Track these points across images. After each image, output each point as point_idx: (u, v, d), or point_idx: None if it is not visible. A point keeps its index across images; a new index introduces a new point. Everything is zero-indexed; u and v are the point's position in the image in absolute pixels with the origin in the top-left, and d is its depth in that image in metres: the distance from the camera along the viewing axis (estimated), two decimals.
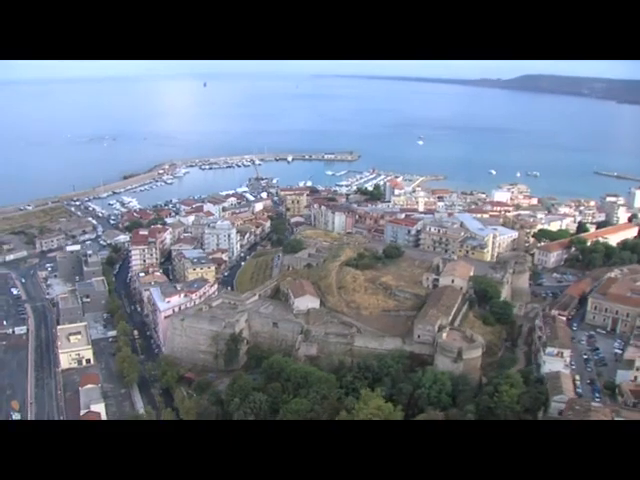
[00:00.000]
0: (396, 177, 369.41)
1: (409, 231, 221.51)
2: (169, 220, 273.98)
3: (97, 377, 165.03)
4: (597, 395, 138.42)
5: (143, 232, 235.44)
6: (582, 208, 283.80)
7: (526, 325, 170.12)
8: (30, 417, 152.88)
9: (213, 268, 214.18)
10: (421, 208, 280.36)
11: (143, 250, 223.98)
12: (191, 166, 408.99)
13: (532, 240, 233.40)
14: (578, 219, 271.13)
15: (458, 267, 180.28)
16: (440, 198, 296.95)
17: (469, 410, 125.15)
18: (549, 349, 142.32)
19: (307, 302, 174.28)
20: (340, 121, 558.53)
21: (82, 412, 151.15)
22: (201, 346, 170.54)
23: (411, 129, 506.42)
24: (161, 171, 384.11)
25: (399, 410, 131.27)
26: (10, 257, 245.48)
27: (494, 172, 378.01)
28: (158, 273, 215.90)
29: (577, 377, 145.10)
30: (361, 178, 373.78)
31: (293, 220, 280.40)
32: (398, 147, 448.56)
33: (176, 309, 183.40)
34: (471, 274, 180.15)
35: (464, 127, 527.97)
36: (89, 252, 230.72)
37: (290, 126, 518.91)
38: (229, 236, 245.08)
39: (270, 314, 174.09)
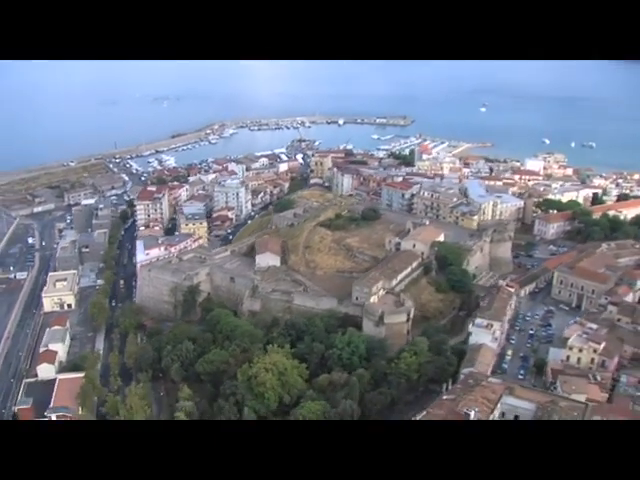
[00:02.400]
0: (433, 141, 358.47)
1: (403, 195, 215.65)
2: (192, 178, 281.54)
3: (65, 319, 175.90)
4: (522, 372, 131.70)
5: (151, 188, 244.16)
6: (620, 180, 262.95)
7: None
8: (1, 350, 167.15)
9: (205, 224, 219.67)
10: (446, 173, 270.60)
11: (148, 205, 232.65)
12: (241, 127, 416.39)
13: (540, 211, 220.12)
14: (614, 192, 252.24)
15: (423, 232, 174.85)
16: (467, 164, 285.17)
17: (360, 374, 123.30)
18: (478, 320, 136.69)
19: (268, 259, 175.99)
20: (411, 86, 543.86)
21: (41, 349, 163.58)
22: (164, 296, 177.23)
23: (481, 95, 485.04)
24: (209, 131, 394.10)
25: (303, 367, 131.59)
26: (38, 209, 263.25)
27: (547, 141, 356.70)
28: (157, 227, 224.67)
29: (509, 352, 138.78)
30: (405, 143, 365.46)
31: (312, 181, 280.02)
32: (458, 113, 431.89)
33: (154, 261, 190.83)
34: (440, 239, 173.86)
35: (536, 95, 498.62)
36: (100, 206, 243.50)
37: (360, 91, 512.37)
38: (237, 194, 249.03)
39: (231, 269, 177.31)
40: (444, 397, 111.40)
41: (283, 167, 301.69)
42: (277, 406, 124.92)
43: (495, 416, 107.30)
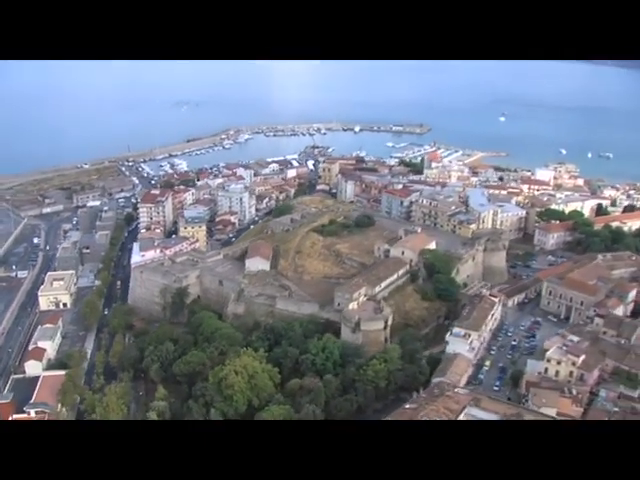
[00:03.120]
0: (447, 149, 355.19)
1: (402, 202, 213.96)
2: (200, 182, 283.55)
3: (57, 318, 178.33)
4: (497, 384, 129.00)
5: (155, 191, 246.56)
6: (633, 192, 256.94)
7: None
8: None
9: (204, 227, 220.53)
10: (453, 182, 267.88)
11: (150, 208, 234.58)
12: (256, 132, 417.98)
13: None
14: (625, 203, 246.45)
15: (413, 239, 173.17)
16: (475, 173, 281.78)
17: (327, 380, 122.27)
18: (456, 329, 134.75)
19: (257, 264, 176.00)
20: (431, 94, 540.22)
21: (30, 347, 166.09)
22: (155, 298, 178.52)
23: (501, 105, 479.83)
24: (224, 136, 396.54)
25: (275, 371, 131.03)
26: (47, 210, 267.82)
27: (564, 151, 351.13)
28: (158, 230, 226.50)
29: (487, 363, 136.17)
30: (418, 151, 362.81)
31: (319, 188, 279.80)
32: (477, 122, 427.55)
33: (148, 263, 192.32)
34: (430, 247, 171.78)
35: (557, 105, 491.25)
36: (105, 208, 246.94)
37: (380, 98, 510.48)
38: (241, 199, 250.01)
39: (220, 273, 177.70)
40: (406, 406, 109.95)
41: (291, 173, 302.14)
42: (246, 409, 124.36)
43: None
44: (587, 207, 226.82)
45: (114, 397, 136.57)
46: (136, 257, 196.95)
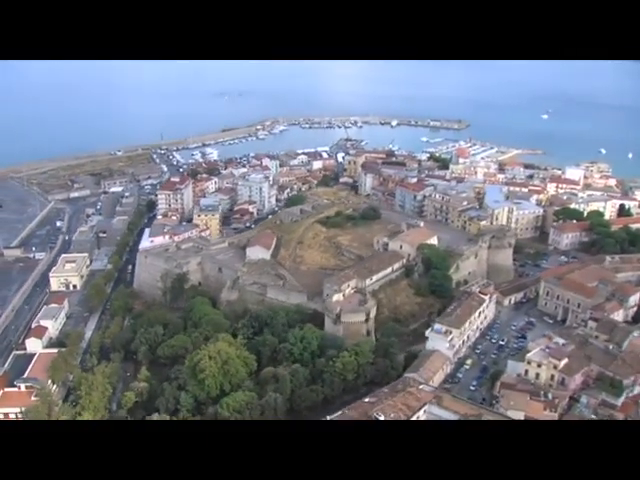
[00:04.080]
0: (482, 146, 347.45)
1: (415, 196, 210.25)
2: (225, 172, 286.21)
3: (64, 298, 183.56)
4: (474, 384, 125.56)
5: (174, 179, 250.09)
6: None
7: None
8: (2, 320, 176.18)
9: (217, 216, 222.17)
10: (480, 177, 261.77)
11: (169, 195, 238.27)
12: (293, 124, 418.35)
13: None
14: None
15: (413, 233, 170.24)
16: (502, 170, 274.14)
17: (295, 369, 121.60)
18: (437, 326, 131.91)
19: (258, 252, 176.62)
20: (476, 90, 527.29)
21: (33, 325, 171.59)
22: (157, 282, 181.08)
23: (546, 102, 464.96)
24: (259, 127, 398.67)
25: (252, 359, 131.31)
26: (74, 194, 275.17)
27: (604, 151, 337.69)
28: (175, 217, 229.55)
29: (468, 361, 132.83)
30: (453, 147, 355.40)
31: (342, 180, 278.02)
32: (519, 119, 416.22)
33: (156, 248, 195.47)
34: (431, 242, 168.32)
35: (604, 104, 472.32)
36: (126, 194, 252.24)
37: (423, 93, 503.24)
38: (260, 189, 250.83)
39: (221, 260, 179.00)
40: (366, 400, 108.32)
41: (317, 165, 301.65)
42: (217, 394, 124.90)
43: None
44: (609, 208, 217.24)
45: (100, 376, 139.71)
46: (145, 242, 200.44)
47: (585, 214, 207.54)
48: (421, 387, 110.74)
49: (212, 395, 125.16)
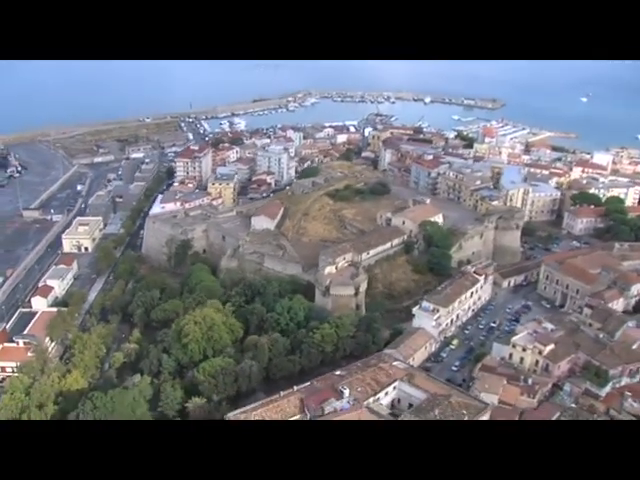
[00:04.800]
0: (514, 126, 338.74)
1: (429, 173, 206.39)
2: (247, 142, 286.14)
3: (73, 260, 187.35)
4: (457, 364, 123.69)
5: (194, 147, 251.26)
6: None
7: None
8: (11, 281, 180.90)
9: (232, 185, 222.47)
10: (504, 159, 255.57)
11: (187, 163, 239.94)
12: (325, 97, 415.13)
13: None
14: None
15: (417, 210, 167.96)
16: (527, 151, 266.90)
17: (274, 338, 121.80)
18: (425, 304, 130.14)
19: (262, 222, 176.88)
20: (518, 70, 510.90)
21: (40, 284, 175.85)
22: (163, 248, 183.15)
23: (587, 86, 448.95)
24: (290, 98, 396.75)
25: (238, 326, 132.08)
26: (98, 159, 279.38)
27: None
28: (191, 185, 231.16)
29: (455, 341, 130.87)
30: (484, 126, 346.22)
31: (363, 154, 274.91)
32: (556, 101, 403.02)
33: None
34: (436, 219, 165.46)
35: None
36: (147, 160, 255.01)
37: (467, 71, 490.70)
38: (279, 160, 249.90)
39: (227, 228, 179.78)
40: (337, 372, 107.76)
41: (341, 138, 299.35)
42: (200, 359, 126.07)
43: (383, 400, 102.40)
44: (632, 195, 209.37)
45: (95, 336, 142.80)
46: (156, 208, 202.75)
47: (604, 200, 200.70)
48: (395, 363, 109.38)
49: (195, 360, 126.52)
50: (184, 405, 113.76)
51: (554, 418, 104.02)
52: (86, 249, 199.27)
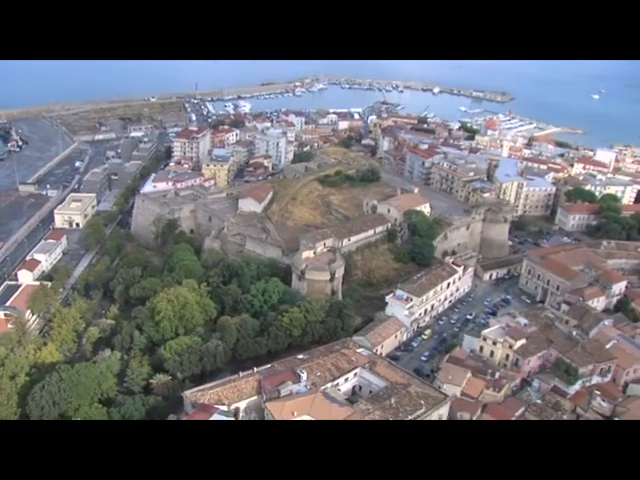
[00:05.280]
0: (520, 120, 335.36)
1: (423, 163, 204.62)
2: (249, 124, 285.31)
3: (62, 235, 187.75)
4: (426, 354, 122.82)
5: (192, 128, 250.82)
6: None
7: None
8: (0, 253, 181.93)
9: (226, 167, 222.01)
10: (505, 152, 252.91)
11: (184, 143, 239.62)
12: (333, 83, 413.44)
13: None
14: None
15: (403, 198, 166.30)
16: (528, 145, 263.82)
17: (243, 319, 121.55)
18: (398, 292, 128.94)
19: (249, 205, 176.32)
20: (533, 64, 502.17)
21: (28, 257, 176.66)
22: (151, 226, 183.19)
23: (600, 82, 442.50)
24: (298, 83, 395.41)
25: (211, 306, 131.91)
26: (99, 137, 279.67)
27: None
28: (186, 165, 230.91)
29: (427, 332, 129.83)
30: (490, 118, 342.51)
31: (364, 142, 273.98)
32: (567, 97, 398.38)
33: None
34: (422, 209, 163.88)
35: None
36: (145, 139, 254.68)
37: (474, 62, 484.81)
38: (277, 144, 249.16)
39: (214, 209, 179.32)
40: (299, 356, 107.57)
41: (343, 125, 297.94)
42: (172, 336, 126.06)
43: (343, 386, 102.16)
44: (630, 193, 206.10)
45: (75, 311, 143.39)
46: (148, 187, 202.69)
47: (600, 197, 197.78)
48: (359, 350, 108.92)
49: (167, 337, 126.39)
50: (149, 381, 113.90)
51: (517, 413, 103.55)
52: (77, 225, 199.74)
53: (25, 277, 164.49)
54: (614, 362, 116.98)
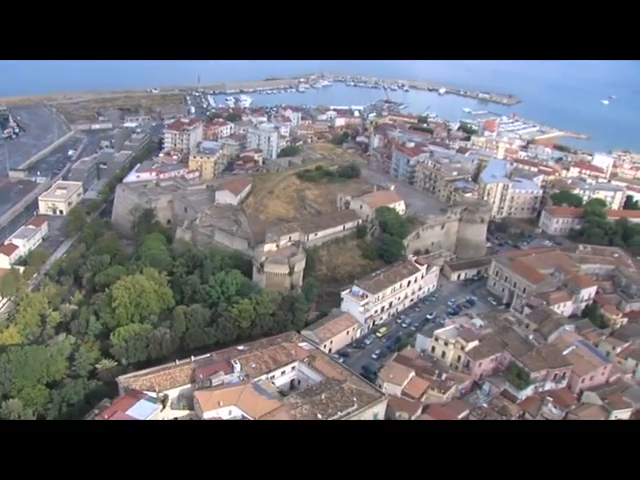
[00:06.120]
0: (524, 123, 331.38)
1: (408, 161, 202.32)
2: (245, 118, 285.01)
3: (43, 222, 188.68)
4: (377, 352, 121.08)
5: (184, 120, 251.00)
6: None
7: None
8: None
9: (213, 159, 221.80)
10: (500, 154, 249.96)
11: (175, 135, 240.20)
12: (339, 80, 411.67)
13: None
14: None
15: (377, 195, 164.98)
16: (524, 148, 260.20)
17: (194, 309, 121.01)
18: (354, 288, 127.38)
19: (225, 197, 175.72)
20: (544, 68, 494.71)
21: (6, 242, 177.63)
22: (128, 215, 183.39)
23: (612, 88, 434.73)
24: (303, 79, 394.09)
25: (169, 295, 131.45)
26: (96, 126, 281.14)
27: None
28: (175, 157, 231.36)
29: (382, 329, 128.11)
30: (493, 120, 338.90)
31: (358, 139, 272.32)
32: (576, 102, 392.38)
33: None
34: (396, 206, 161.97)
35: None
36: (138, 130, 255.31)
37: (485, 66, 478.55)
38: (269, 138, 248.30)
39: (191, 201, 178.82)
40: (239, 347, 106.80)
41: (340, 122, 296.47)
42: (127, 323, 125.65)
43: (280, 379, 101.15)
44: (619, 199, 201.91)
45: (42, 295, 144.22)
46: (132, 177, 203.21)
47: (587, 202, 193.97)
48: (302, 344, 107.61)
49: (122, 324, 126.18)
50: (95, 366, 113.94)
51: (461, 416, 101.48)
52: (61, 212, 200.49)
53: (1, 261, 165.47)
54: (569, 368, 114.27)
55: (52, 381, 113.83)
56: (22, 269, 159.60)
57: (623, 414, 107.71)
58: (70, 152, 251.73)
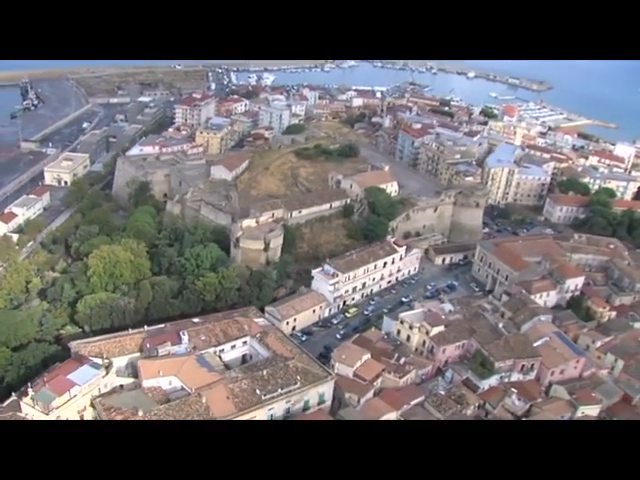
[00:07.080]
0: (551, 110, 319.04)
1: (413, 142, 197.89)
2: (262, 96, 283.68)
3: (45, 191, 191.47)
4: (342, 332, 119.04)
5: (196, 95, 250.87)
6: None
7: None
8: None
9: (219, 135, 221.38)
10: (517, 140, 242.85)
11: (186, 110, 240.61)
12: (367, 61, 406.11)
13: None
14: None
15: (369, 175, 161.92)
16: (543, 134, 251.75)
17: (160, 281, 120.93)
18: (326, 266, 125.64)
19: (220, 172, 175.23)
20: None
21: (6, 211, 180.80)
22: (126, 188, 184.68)
23: None
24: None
25: (146, 266, 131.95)
26: (114, 100, 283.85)
27: None
28: (184, 132, 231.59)
29: (352, 310, 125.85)
30: (520, 106, 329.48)
31: (373, 120, 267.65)
32: (610, 90, 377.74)
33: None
34: (388, 187, 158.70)
35: None
36: (151, 104, 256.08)
37: None
38: (280, 116, 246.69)
39: (187, 175, 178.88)
40: (195, 320, 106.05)
41: (357, 102, 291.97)
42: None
43: (229, 353, 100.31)
44: (632, 189, 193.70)
45: (29, 262, 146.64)
46: (135, 150, 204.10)
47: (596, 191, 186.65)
48: (257, 320, 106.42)
49: (96, 292, 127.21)
50: (59, 332, 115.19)
51: (414, 402, 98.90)
52: (66, 183, 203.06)
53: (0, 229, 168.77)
54: (538, 360, 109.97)
55: (19, 345, 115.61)
56: (16, 237, 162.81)
57: (591, 410, 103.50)
58: (85, 125, 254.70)
